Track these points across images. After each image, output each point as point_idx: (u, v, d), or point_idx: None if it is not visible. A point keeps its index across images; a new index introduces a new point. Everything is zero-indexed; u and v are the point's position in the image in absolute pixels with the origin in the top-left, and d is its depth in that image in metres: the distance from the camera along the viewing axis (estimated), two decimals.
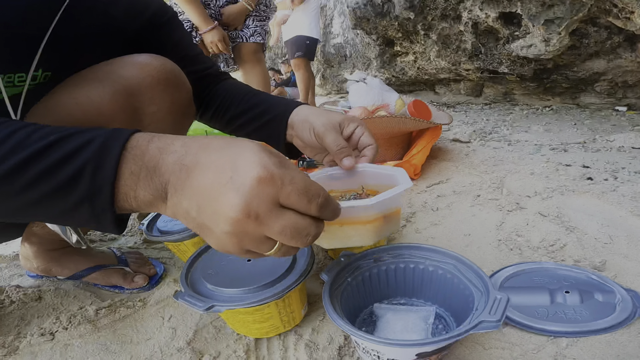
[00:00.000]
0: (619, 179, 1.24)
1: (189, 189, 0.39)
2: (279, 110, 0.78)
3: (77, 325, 0.75)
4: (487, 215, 1.10)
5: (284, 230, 0.38)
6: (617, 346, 0.63)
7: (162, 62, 0.69)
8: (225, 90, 0.86)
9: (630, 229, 0.96)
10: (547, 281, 0.78)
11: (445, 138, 1.93)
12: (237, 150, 0.41)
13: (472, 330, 0.52)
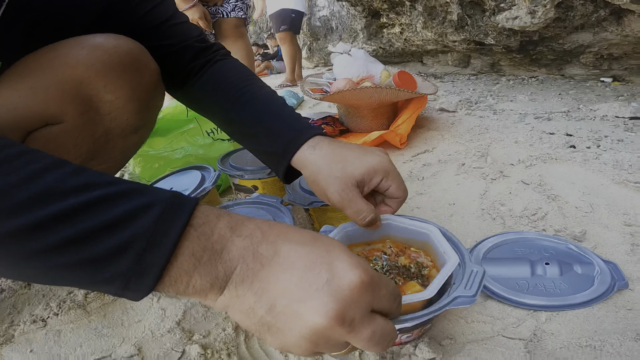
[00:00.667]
0: (601, 147, 1.21)
1: (261, 283, 0.33)
2: (279, 147, 0.61)
3: (67, 311, 0.72)
4: (472, 184, 1.07)
5: (373, 337, 0.33)
6: (594, 321, 0.60)
7: (115, 44, 0.57)
8: (215, 79, 0.69)
9: (611, 198, 0.93)
10: (528, 252, 0.75)
11: (431, 108, 1.86)
12: (328, 248, 0.35)
13: (448, 306, 0.48)
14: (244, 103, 0.65)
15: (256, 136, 0.64)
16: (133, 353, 0.62)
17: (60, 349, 0.64)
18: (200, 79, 0.68)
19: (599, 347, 0.56)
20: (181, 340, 0.64)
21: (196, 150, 1.16)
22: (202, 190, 0.89)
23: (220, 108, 0.67)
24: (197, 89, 0.69)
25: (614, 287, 0.65)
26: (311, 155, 0.58)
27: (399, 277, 0.60)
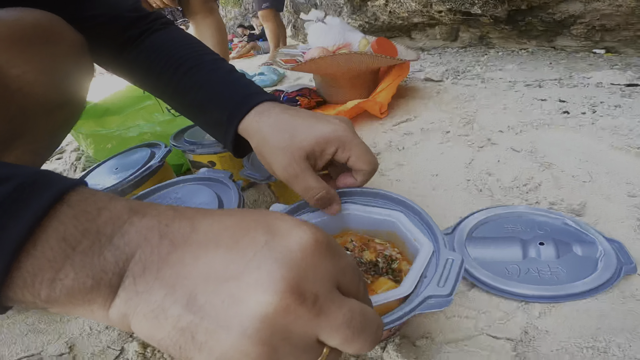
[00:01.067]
0: (597, 112, 1.07)
1: (172, 269, 0.22)
2: (224, 115, 0.52)
3: None
4: (457, 153, 0.93)
5: (352, 321, 0.23)
6: (597, 315, 0.48)
7: (17, 16, 0.49)
8: (153, 48, 0.60)
9: (611, 165, 0.80)
10: (519, 229, 0.63)
11: (416, 78, 1.71)
12: (263, 212, 0.26)
13: (416, 310, 0.36)
14: (186, 71, 0.56)
15: (201, 105, 0.55)
16: (64, 351, 0.55)
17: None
18: (137, 48, 0.60)
19: (604, 348, 0.44)
20: (120, 337, 0.56)
21: (153, 128, 1.01)
22: (147, 168, 0.76)
23: (160, 77, 0.59)
24: (132, 59, 0.61)
25: (620, 273, 0.52)
26: (257, 123, 0.49)
27: (367, 275, 0.49)
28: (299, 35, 4.89)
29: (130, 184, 0.73)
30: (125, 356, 0.53)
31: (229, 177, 0.63)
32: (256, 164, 0.74)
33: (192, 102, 0.56)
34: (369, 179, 0.51)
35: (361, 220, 0.54)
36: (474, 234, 0.64)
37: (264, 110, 0.50)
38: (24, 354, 0.55)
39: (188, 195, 0.60)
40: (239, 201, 0.56)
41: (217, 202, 0.56)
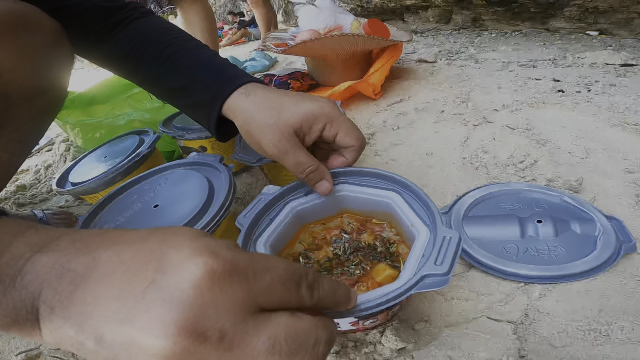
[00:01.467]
0: (592, 91, 1.04)
1: (77, 307, 0.21)
2: (207, 96, 0.50)
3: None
4: (451, 132, 0.90)
5: (276, 345, 0.21)
6: (599, 296, 0.46)
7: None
8: (133, 35, 0.57)
9: (608, 141, 0.77)
10: (517, 207, 0.60)
11: (409, 59, 1.66)
12: (164, 237, 0.24)
13: (413, 290, 0.33)
14: (168, 56, 0.53)
15: (184, 89, 0.52)
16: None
17: None
18: (116, 36, 0.57)
19: (606, 331, 0.41)
20: None
21: (141, 115, 0.97)
22: (136, 155, 0.72)
23: (141, 63, 0.55)
24: (111, 47, 0.57)
25: (620, 251, 0.50)
26: (243, 103, 0.47)
27: (365, 261, 0.46)
28: (290, 21, 4.74)
29: (119, 172, 0.69)
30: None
31: (220, 161, 0.59)
32: (248, 146, 0.71)
33: (174, 85, 0.53)
34: (358, 156, 0.50)
35: (358, 201, 0.52)
36: (471, 213, 0.61)
37: (248, 90, 0.48)
38: (23, 349, 0.54)
39: (178, 181, 0.57)
40: (229, 184, 0.53)
41: (207, 186, 0.53)
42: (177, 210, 0.50)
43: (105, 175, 0.68)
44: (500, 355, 0.40)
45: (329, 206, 0.53)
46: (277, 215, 0.50)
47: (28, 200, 0.93)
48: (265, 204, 0.50)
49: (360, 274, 0.45)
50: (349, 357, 0.44)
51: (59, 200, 0.91)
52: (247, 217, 0.48)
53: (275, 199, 0.51)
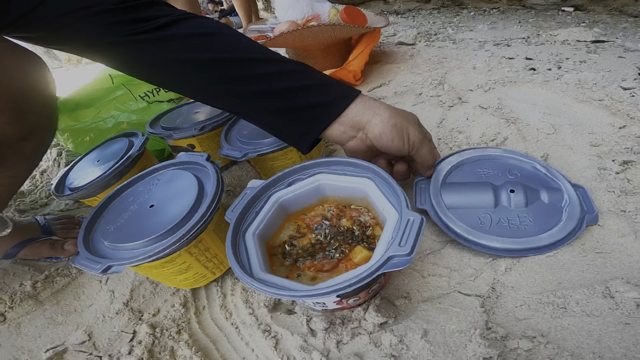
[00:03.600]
0: (562, 68, 1.05)
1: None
2: (327, 97, 0.49)
3: (20, 303, 0.65)
4: (429, 113, 0.91)
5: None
6: (559, 269, 0.48)
7: None
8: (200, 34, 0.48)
9: (574, 117, 0.79)
10: (492, 174, 0.62)
11: (390, 42, 1.65)
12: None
13: (381, 269, 0.36)
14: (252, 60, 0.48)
15: (289, 92, 0.48)
16: (84, 339, 0.56)
17: (23, 341, 0.59)
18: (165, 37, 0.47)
19: (562, 304, 0.44)
20: (130, 321, 0.58)
21: (128, 117, 0.97)
22: (127, 157, 0.73)
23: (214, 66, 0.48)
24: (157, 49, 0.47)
25: (583, 223, 0.52)
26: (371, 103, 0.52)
27: (344, 244, 0.49)
28: (271, 8, 4.60)
29: (114, 175, 0.70)
30: (137, 338, 0.54)
31: (206, 159, 0.60)
32: (234, 142, 0.72)
33: (272, 88, 0.48)
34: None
35: (336, 189, 0.54)
36: (449, 179, 0.63)
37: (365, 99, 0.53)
38: (50, 346, 0.56)
39: (169, 181, 0.58)
40: (217, 181, 0.54)
41: (197, 184, 0.55)
42: (171, 209, 0.51)
43: (101, 179, 0.69)
44: (469, 327, 0.43)
45: (310, 195, 0.55)
46: (262, 207, 0.52)
47: (29, 207, 0.94)
48: (251, 197, 0.52)
49: (339, 257, 0.48)
50: (337, 332, 0.47)
51: (59, 204, 0.92)
52: (234, 211, 0.50)
53: (260, 192, 0.53)
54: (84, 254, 0.49)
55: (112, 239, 0.50)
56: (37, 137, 0.55)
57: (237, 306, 0.55)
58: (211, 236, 0.53)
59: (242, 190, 0.81)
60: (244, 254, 0.46)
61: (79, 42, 0.47)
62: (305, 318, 0.50)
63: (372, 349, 0.44)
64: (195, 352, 0.50)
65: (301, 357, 0.46)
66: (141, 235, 0.49)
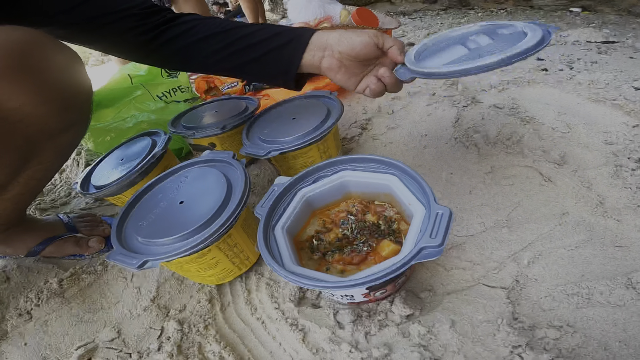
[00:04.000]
0: (574, 68, 1.06)
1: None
2: (293, 35, 0.60)
3: (46, 300, 0.66)
4: (443, 113, 0.93)
5: None
6: (581, 262, 0.50)
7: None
8: (192, 22, 0.62)
9: (589, 116, 0.80)
10: (454, 41, 0.59)
11: None
12: None
13: (413, 261, 0.37)
14: (236, 28, 0.62)
15: (264, 40, 0.60)
16: (114, 336, 0.57)
17: (50, 339, 0.60)
18: (168, 31, 0.62)
19: (587, 295, 0.46)
20: (158, 317, 0.59)
21: (148, 117, 0.98)
22: (152, 156, 0.74)
23: (206, 42, 0.61)
24: (169, 40, 0.62)
25: (550, 33, 0.50)
26: (320, 33, 0.60)
27: (371, 238, 0.51)
28: (277, 9, 4.62)
29: (139, 173, 0.72)
30: (166, 334, 0.55)
31: (232, 157, 0.62)
32: (254, 140, 0.74)
33: (251, 41, 0.60)
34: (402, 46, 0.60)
35: (360, 185, 0.56)
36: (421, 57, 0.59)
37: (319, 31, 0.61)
38: (79, 343, 0.57)
39: (197, 178, 0.60)
40: (245, 178, 0.56)
41: (225, 181, 0.56)
42: (201, 205, 0.53)
43: (127, 177, 0.71)
44: (496, 317, 0.45)
45: (335, 191, 0.57)
46: (289, 203, 0.54)
47: (49, 205, 0.96)
48: (279, 194, 0.54)
49: (367, 250, 0.49)
50: (364, 324, 0.49)
51: (79, 203, 0.94)
52: (264, 207, 0.52)
53: (287, 189, 0.55)
54: (119, 250, 0.51)
55: (146, 234, 0.52)
56: (75, 129, 0.58)
57: (262, 301, 0.57)
58: (239, 232, 0.55)
59: (261, 189, 0.83)
60: (274, 248, 0.48)
61: (113, 38, 0.60)
62: (332, 311, 0.52)
63: (400, 340, 0.46)
64: (224, 347, 0.51)
65: (330, 348, 0.47)
66: (173, 231, 0.50)
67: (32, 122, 0.49)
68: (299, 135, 0.68)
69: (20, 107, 0.47)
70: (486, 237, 0.57)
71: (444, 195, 0.68)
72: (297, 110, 0.78)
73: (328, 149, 0.73)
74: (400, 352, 0.44)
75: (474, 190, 0.67)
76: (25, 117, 0.48)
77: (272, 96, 1.23)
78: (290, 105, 0.82)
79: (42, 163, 0.57)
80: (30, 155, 0.54)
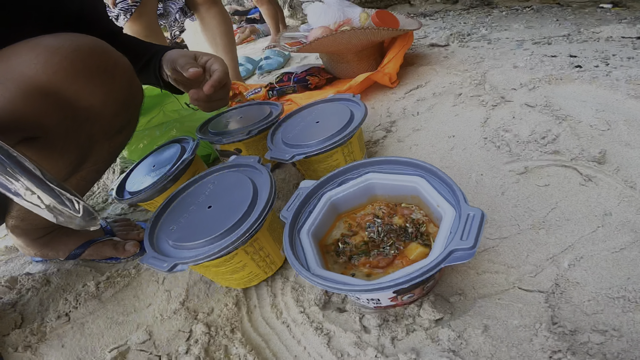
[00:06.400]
0: (610, 64, 1.01)
1: None
2: (153, 52, 0.73)
3: (84, 303, 0.68)
4: (471, 114, 0.90)
5: None
6: (626, 265, 0.46)
7: (74, 47, 0.48)
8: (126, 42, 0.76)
9: (629, 113, 0.76)
10: None
11: (422, 44, 1.64)
12: None
13: (443, 264, 0.36)
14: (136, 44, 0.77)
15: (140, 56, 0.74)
16: (145, 338, 0.59)
17: (87, 341, 0.61)
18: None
19: (634, 298, 0.42)
20: (187, 320, 0.59)
21: (177, 124, 1.02)
22: (181, 162, 0.76)
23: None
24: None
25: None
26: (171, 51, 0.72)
27: (398, 241, 0.49)
28: (297, 15, 4.66)
29: (170, 179, 0.74)
30: (194, 337, 0.56)
31: (258, 161, 0.63)
32: (279, 145, 0.74)
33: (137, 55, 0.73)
34: (220, 75, 0.67)
35: (386, 188, 0.55)
36: None
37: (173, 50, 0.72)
38: (113, 345, 0.59)
39: (224, 183, 0.61)
40: (271, 182, 0.56)
41: (251, 185, 0.57)
42: (228, 210, 0.54)
43: (159, 183, 0.73)
44: (534, 322, 0.42)
45: (360, 194, 0.56)
46: (315, 206, 0.53)
47: None
48: (304, 198, 0.53)
49: (394, 253, 0.48)
50: (391, 329, 0.47)
51: (116, 209, 0.97)
52: (289, 210, 0.52)
53: (312, 192, 0.55)
54: (151, 253, 0.52)
55: (176, 238, 0.53)
56: (127, 131, 0.63)
57: (287, 305, 0.57)
58: (265, 236, 0.55)
59: (286, 193, 0.83)
60: (300, 251, 0.47)
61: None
62: (358, 316, 0.51)
63: (429, 344, 0.44)
64: (249, 351, 0.51)
65: (355, 353, 0.46)
66: (201, 235, 0.51)
67: (97, 122, 0.54)
68: (322, 139, 0.67)
69: (91, 107, 0.51)
70: (521, 240, 0.54)
71: (474, 197, 0.65)
72: (320, 114, 0.78)
73: (352, 153, 0.72)
74: (429, 358, 0.42)
75: (506, 192, 0.64)
76: (92, 116, 0.53)
77: (295, 101, 1.24)
78: (313, 110, 0.82)
79: (96, 164, 0.61)
80: (88, 154, 0.58)
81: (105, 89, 0.52)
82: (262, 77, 1.95)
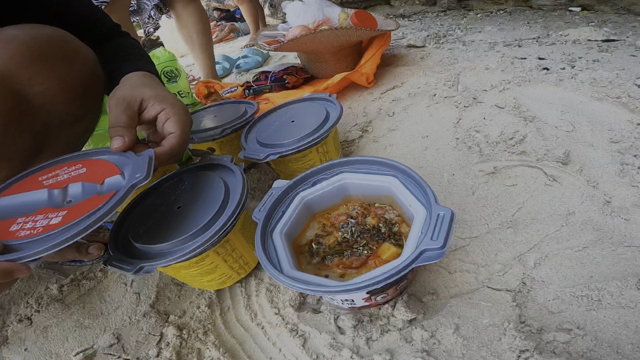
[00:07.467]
0: (576, 67, 1.05)
1: None
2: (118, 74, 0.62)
3: (47, 306, 0.65)
4: (444, 114, 0.92)
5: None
6: (589, 263, 0.48)
7: (32, 35, 0.50)
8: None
9: (592, 114, 0.79)
10: None
11: (399, 45, 1.66)
12: None
13: (414, 264, 0.36)
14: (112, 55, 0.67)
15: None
16: (113, 342, 0.57)
17: (50, 345, 0.59)
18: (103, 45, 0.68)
19: (597, 297, 0.44)
20: (157, 323, 0.58)
21: None
22: None
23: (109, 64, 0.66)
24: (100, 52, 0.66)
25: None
26: (126, 78, 0.59)
27: (371, 242, 0.49)
28: (277, 14, 4.63)
29: None
30: (165, 340, 0.54)
31: (231, 161, 0.61)
32: (253, 144, 0.73)
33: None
34: (175, 144, 0.51)
35: (360, 188, 0.55)
36: None
37: (130, 75, 0.60)
38: (79, 349, 0.57)
39: (195, 183, 0.59)
40: (243, 182, 0.55)
41: (223, 186, 0.55)
42: (199, 210, 0.52)
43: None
44: (503, 321, 0.43)
45: (334, 194, 0.55)
46: (288, 206, 0.53)
47: None
48: (277, 197, 0.52)
49: (368, 253, 0.48)
50: (366, 329, 0.47)
51: None
52: (261, 211, 0.51)
53: (286, 192, 0.54)
54: (116, 255, 0.50)
55: (143, 240, 0.51)
56: (86, 121, 0.61)
57: (262, 306, 0.56)
58: (237, 237, 0.54)
59: (261, 192, 0.82)
60: (273, 253, 0.47)
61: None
62: (333, 317, 0.50)
63: (403, 345, 0.44)
64: (223, 354, 0.50)
65: (331, 354, 0.46)
66: (171, 236, 0.49)
67: (53, 108, 0.52)
68: (297, 138, 0.67)
69: (45, 92, 0.51)
70: (490, 239, 0.55)
71: (446, 197, 0.66)
72: (295, 113, 0.77)
73: (328, 152, 0.72)
74: (403, 358, 0.43)
75: (477, 192, 0.66)
76: (47, 102, 0.51)
77: (272, 100, 1.23)
78: (289, 109, 0.81)
79: (54, 154, 0.58)
80: (45, 143, 0.55)
81: (61, 73, 0.52)
82: (239, 76, 1.92)
